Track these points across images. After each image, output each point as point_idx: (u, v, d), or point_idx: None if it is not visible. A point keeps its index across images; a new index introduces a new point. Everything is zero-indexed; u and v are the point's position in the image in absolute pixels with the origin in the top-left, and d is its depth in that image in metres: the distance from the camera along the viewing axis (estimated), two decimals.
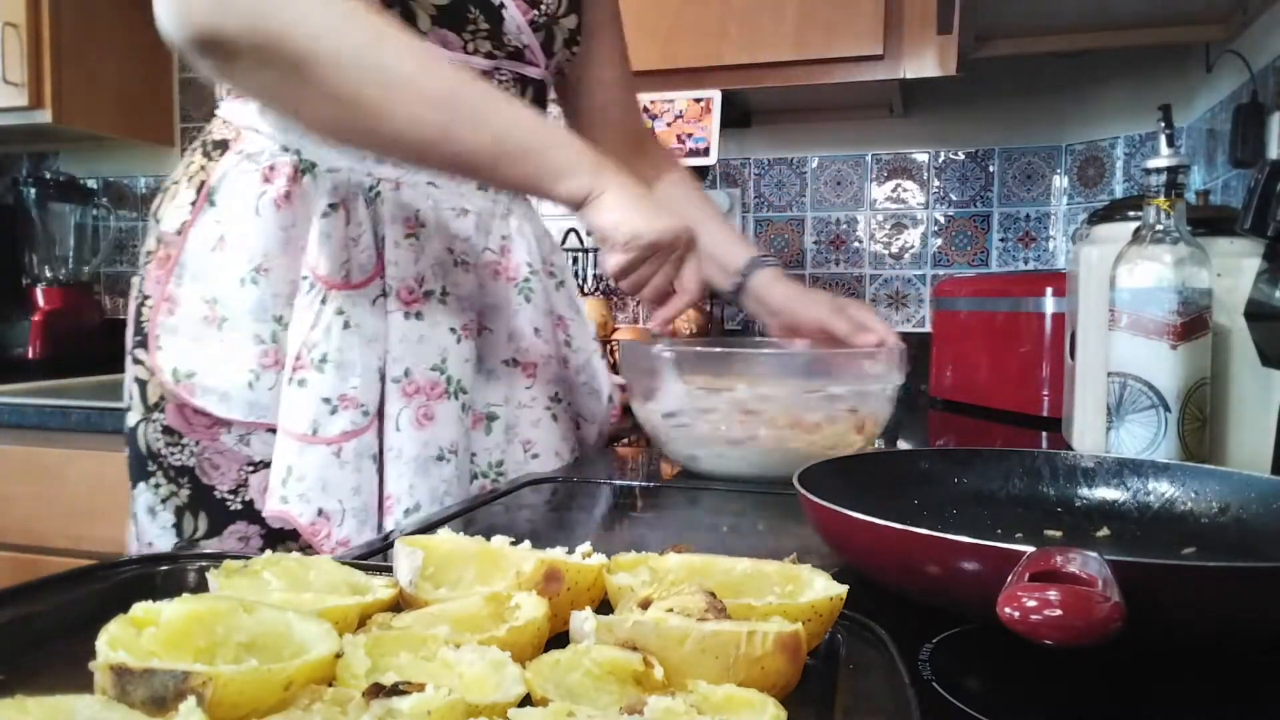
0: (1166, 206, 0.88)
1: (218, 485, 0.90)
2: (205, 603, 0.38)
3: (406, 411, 0.90)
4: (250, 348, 0.89)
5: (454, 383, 0.93)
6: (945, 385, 1.67)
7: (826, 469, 0.69)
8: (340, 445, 0.87)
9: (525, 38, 0.94)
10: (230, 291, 0.89)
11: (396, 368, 0.90)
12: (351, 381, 0.88)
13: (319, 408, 0.87)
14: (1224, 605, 0.45)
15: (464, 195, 0.97)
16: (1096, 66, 1.86)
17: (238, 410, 0.89)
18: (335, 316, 0.88)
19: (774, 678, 0.37)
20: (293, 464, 0.86)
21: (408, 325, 0.91)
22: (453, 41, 0.90)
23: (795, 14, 1.69)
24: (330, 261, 0.88)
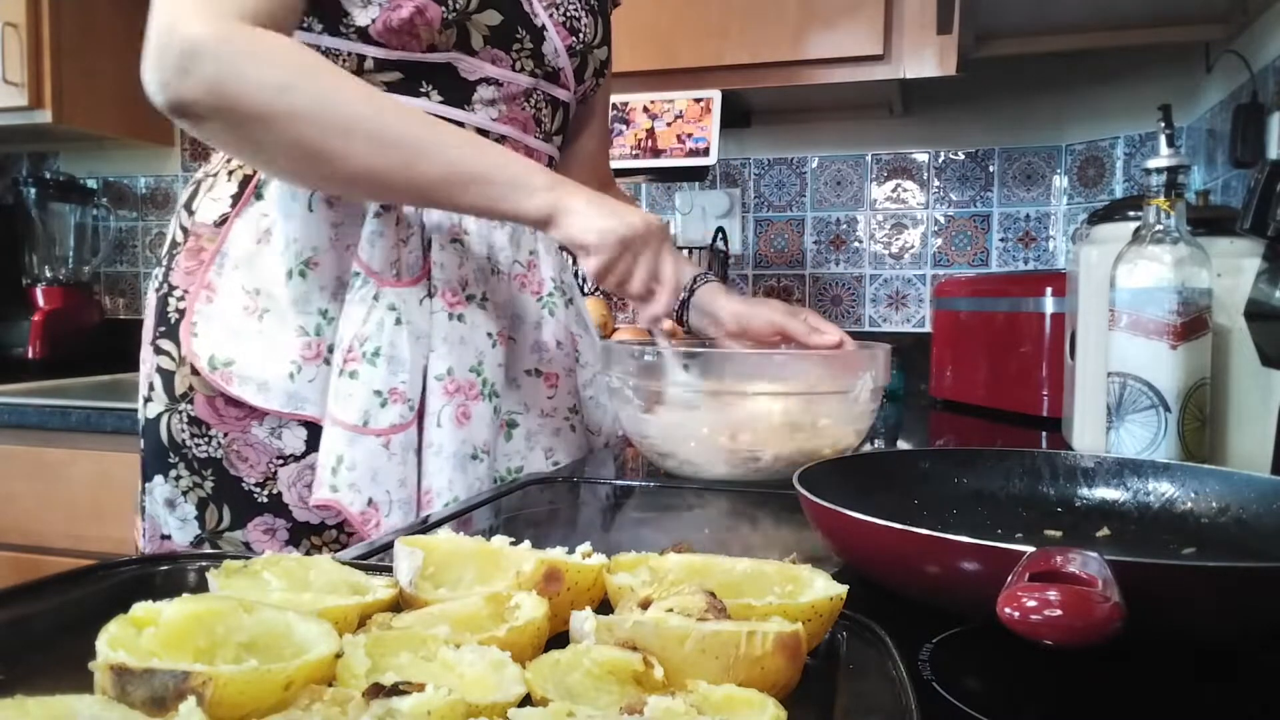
0: (1166, 206, 0.88)
1: (245, 477, 0.91)
2: (205, 603, 0.38)
3: (448, 409, 0.92)
4: (293, 339, 0.90)
5: (488, 385, 0.96)
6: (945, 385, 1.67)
7: (826, 469, 0.69)
8: (390, 437, 0.89)
9: (561, 61, 0.99)
10: (275, 283, 0.91)
11: (440, 365, 0.92)
12: (401, 376, 0.90)
13: (370, 399, 0.88)
14: (1224, 605, 0.45)
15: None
16: (1096, 66, 1.86)
17: (276, 400, 0.90)
18: (388, 312, 0.90)
19: (774, 678, 0.37)
20: (344, 453, 0.87)
21: (451, 326, 0.94)
22: (502, 59, 0.94)
23: (795, 14, 1.69)
24: (383, 258, 0.90)
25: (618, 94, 1.82)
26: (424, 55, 0.90)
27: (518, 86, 0.96)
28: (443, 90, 0.92)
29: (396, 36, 0.88)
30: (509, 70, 0.95)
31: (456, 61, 0.92)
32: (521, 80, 0.96)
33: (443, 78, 0.92)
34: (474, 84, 0.93)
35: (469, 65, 0.92)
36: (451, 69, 0.92)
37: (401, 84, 0.91)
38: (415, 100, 0.91)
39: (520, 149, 0.98)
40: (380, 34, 0.87)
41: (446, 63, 0.91)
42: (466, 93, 0.93)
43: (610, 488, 0.94)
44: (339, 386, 0.89)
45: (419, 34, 0.88)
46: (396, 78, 0.90)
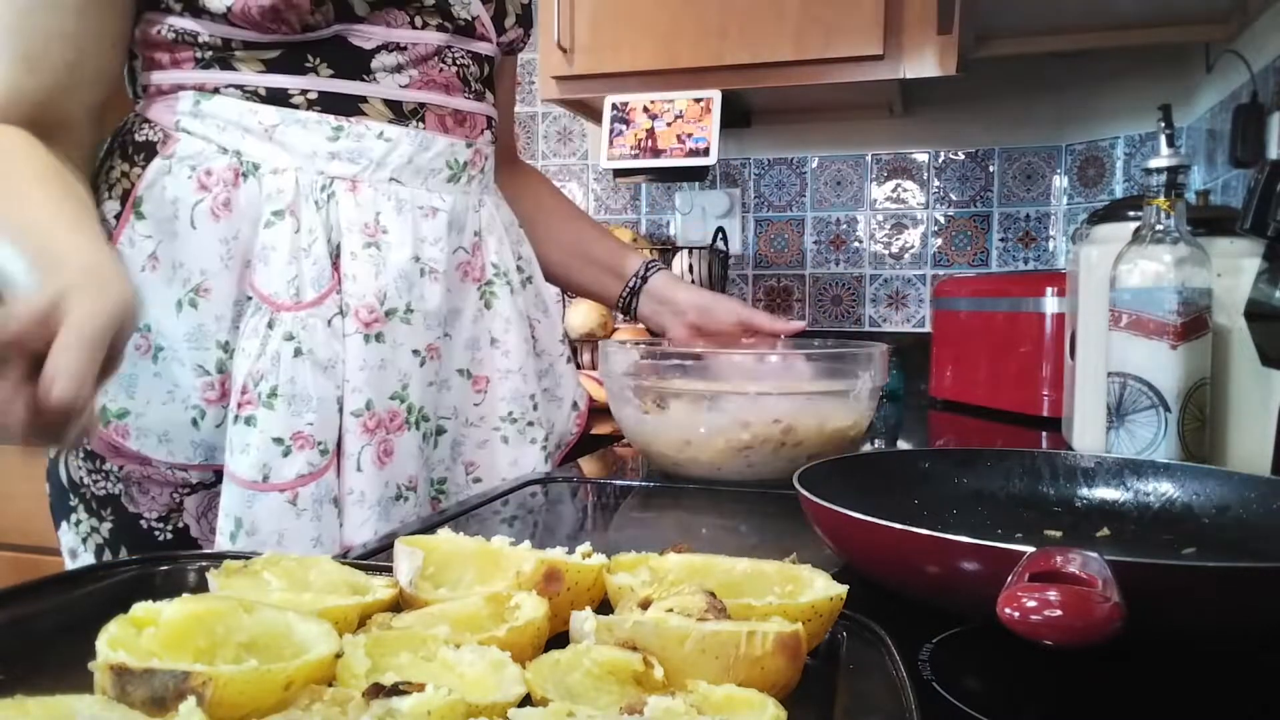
0: (1166, 206, 0.88)
1: (145, 513, 0.83)
2: (205, 603, 0.38)
3: (369, 449, 0.81)
4: (191, 380, 0.80)
5: (415, 411, 0.85)
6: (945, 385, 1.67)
7: (826, 469, 0.69)
8: (296, 490, 0.78)
9: (474, 8, 0.88)
10: (165, 316, 0.79)
11: (356, 399, 0.81)
12: (306, 417, 0.78)
13: (269, 449, 0.77)
14: (1224, 605, 0.45)
15: (433, 191, 0.88)
16: (1096, 66, 1.86)
17: (181, 453, 0.80)
18: (284, 342, 0.78)
19: (774, 678, 0.37)
20: (242, 516, 0.77)
21: (368, 350, 0.82)
22: (399, 19, 0.83)
23: (795, 14, 1.69)
24: (277, 278, 0.79)
25: (618, 94, 1.82)
26: (301, 35, 0.80)
27: (427, 47, 0.85)
28: (333, 63, 0.82)
29: (261, 22, 0.78)
30: (409, 30, 0.84)
31: (345, 32, 0.82)
32: (429, 38, 0.85)
33: (331, 50, 0.82)
34: (371, 52, 0.83)
35: (361, 32, 0.82)
36: (340, 40, 0.82)
37: (282, 61, 0.81)
38: (301, 78, 0.81)
39: (448, 115, 0.88)
40: (241, 19, 0.77)
41: (333, 35, 0.81)
42: (363, 62, 0.83)
43: (610, 488, 0.94)
44: (233, 436, 0.78)
45: (287, 18, 0.78)
46: (275, 55, 0.81)
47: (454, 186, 0.89)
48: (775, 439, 0.89)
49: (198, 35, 0.80)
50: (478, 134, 0.92)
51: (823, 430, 0.90)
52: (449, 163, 0.88)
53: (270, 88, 0.81)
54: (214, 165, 0.80)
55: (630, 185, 2.22)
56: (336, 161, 0.83)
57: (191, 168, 0.80)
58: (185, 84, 0.82)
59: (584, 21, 1.80)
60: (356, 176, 0.84)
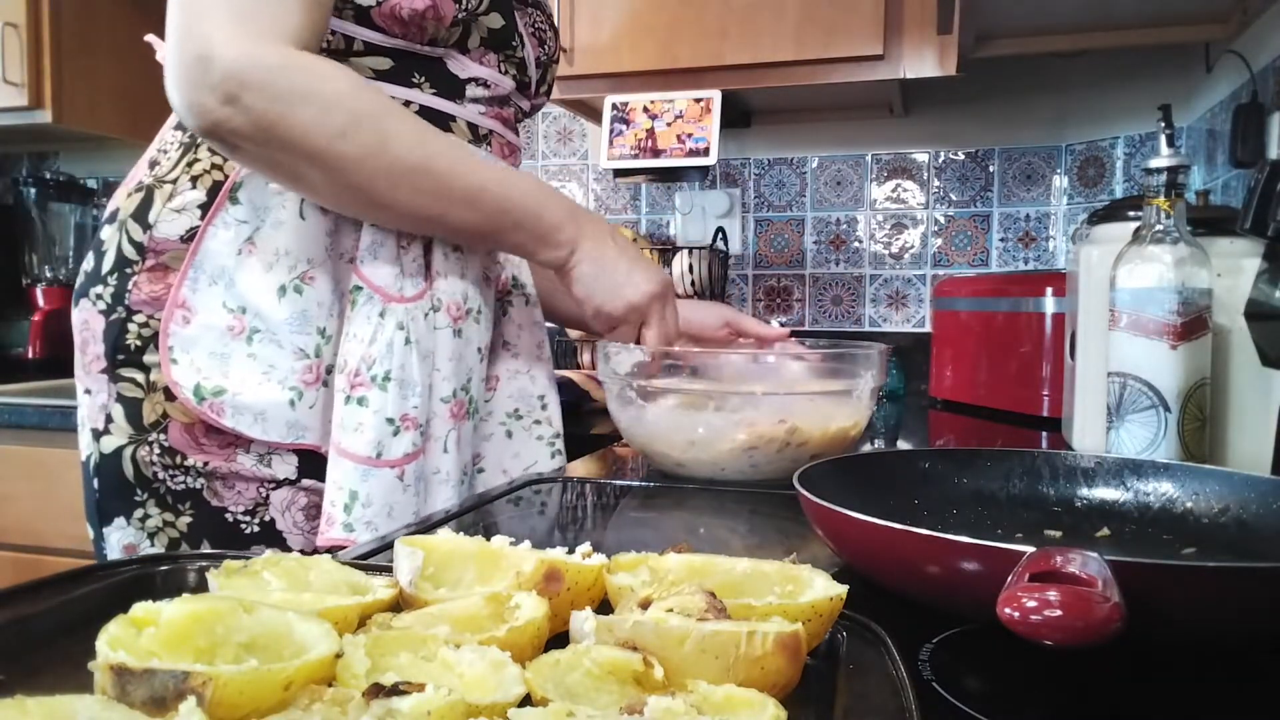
0: (1166, 206, 0.88)
1: (230, 507, 0.85)
2: (205, 603, 0.38)
3: (453, 433, 0.89)
4: (291, 362, 0.84)
5: (473, 403, 0.93)
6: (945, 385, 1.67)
7: (826, 469, 0.69)
8: (404, 468, 0.84)
9: (531, 72, 0.98)
10: (265, 300, 0.83)
11: (446, 387, 0.88)
12: (412, 401, 0.85)
13: (383, 428, 0.83)
14: (1224, 605, 0.45)
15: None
16: (1096, 66, 1.86)
17: (275, 431, 0.83)
18: (396, 331, 0.84)
19: (774, 678, 0.37)
20: (357, 489, 0.82)
21: (454, 343, 0.89)
22: (491, 61, 0.92)
23: (795, 14, 1.69)
24: (386, 271, 0.85)
25: (618, 94, 1.82)
26: (420, 48, 0.86)
27: (502, 90, 0.94)
28: (435, 83, 0.89)
29: (401, 25, 0.83)
30: (496, 73, 0.93)
31: (448, 58, 0.89)
32: (506, 84, 0.95)
33: (435, 71, 0.89)
34: (464, 81, 0.91)
35: (459, 63, 0.90)
36: (441, 64, 0.89)
37: (391, 72, 0.86)
38: (406, 90, 0.87)
39: (504, 144, 0.96)
40: (383, 19, 0.83)
41: (439, 57, 0.88)
42: (457, 87, 0.90)
43: (610, 488, 0.94)
44: (346, 415, 0.83)
45: (426, 27, 0.84)
46: (387, 65, 0.86)
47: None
48: (780, 439, 0.89)
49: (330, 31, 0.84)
50: (518, 163, 1.01)
51: (826, 430, 0.90)
52: None
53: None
54: None
55: (630, 185, 2.22)
56: None
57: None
58: None
59: (584, 21, 1.80)
60: None
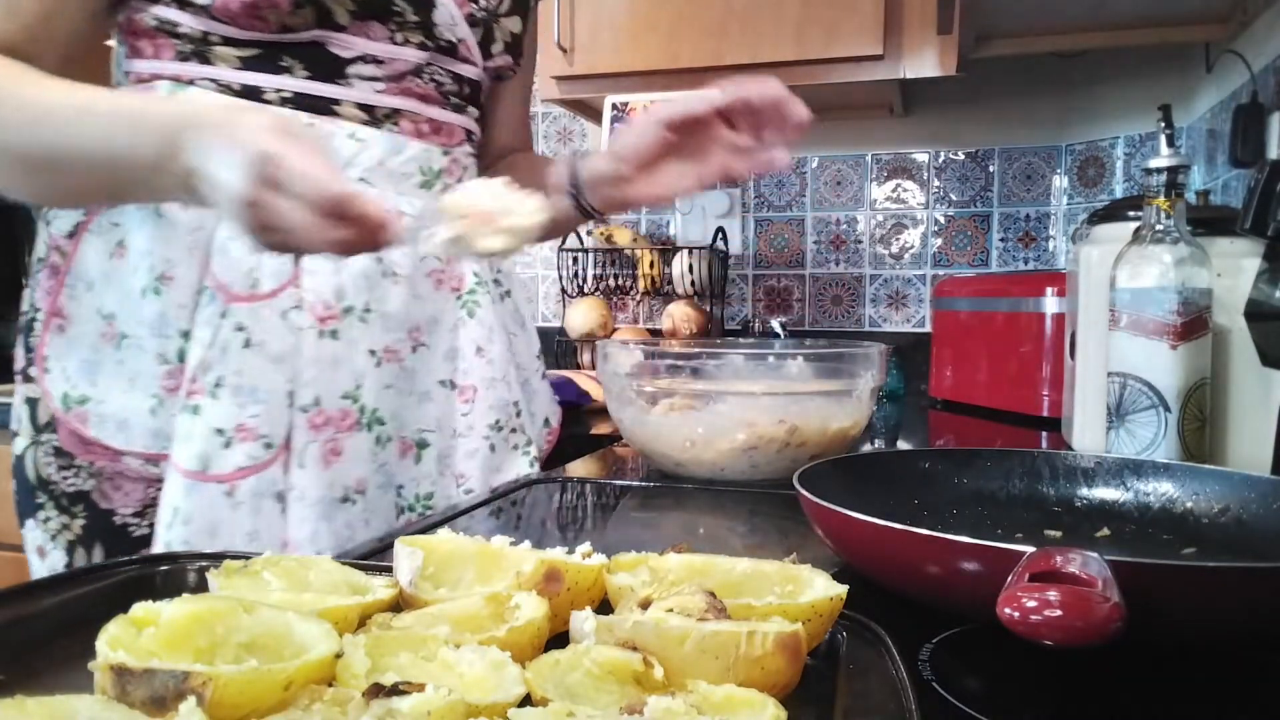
0: (1166, 206, 0.88)
1: (119, 509, 0.82)
2: (205, 603, 0.38)
3: (313, 446, 0.81)
4: (152, 368, 0.80)
5: (368, 413, 0.84)
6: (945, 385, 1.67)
7: (826, 469, 0.69)
8: (235, 483, 0.77)
9: (460, 31, 0.87)
10: (130, 304, 0.79)
11: (306, 394, 0.80)
12: (251, 410, 0.78)
13: (210, 439, 0.77)
14: (1224, 605, 0.45)
15: (403, 195, 0.86)
16: (1096, 66, 1.86)
17: (139, 441, 0.80)
18: (234, 333, 0.78)
19: (774, 678, 0.37)
20: (179, 505, 0.77)
21: (321, 346, 0.81)
22: (379, 32, 0.82)
23: (795, 14, 1.69)
24: (235, 268, 0.79)
25: (618, 94, 1.82)
26: (278, 35, 0.79)
27: (405, 63, 0.84)
28: (310, 66, 0.81)
29: (241, 17, 0.77)
30: (389, 44, 0.83)
31: (324, 39, 0.81)
32: (408, 55, 0.84)
33: (309, 54, 0.81)
34: (348, 60, 0.82)
35: (341, 41, 0.82)
36: (319, 46, 0.81)
37: (259, 60, 0.80)
38: (275, 77, 0.80)
39: (424, 122, 0.87)
40: (221, 12, 0.77)
41: (312, 40, 0.81)
42: (338, 68, 0.82)
43: (610, 488, 0.94)
44: (179, 424, 0.78)
45: (265, 16, 0.77)
46: (253, 54, 0.80)
47: (426, 193, 0.87)
48: (780, 439, 0.89)
49: (178, 26, 0.79)
50: (456, 143, 0.90)
51: (826, 430, 0.90)
52: (422, 168, 0.87)
53: (245, 85, 0.80)
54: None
55: None
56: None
57: None
58: (163, 74, 0.81)
59: (584, 21, 1.80)
60: None
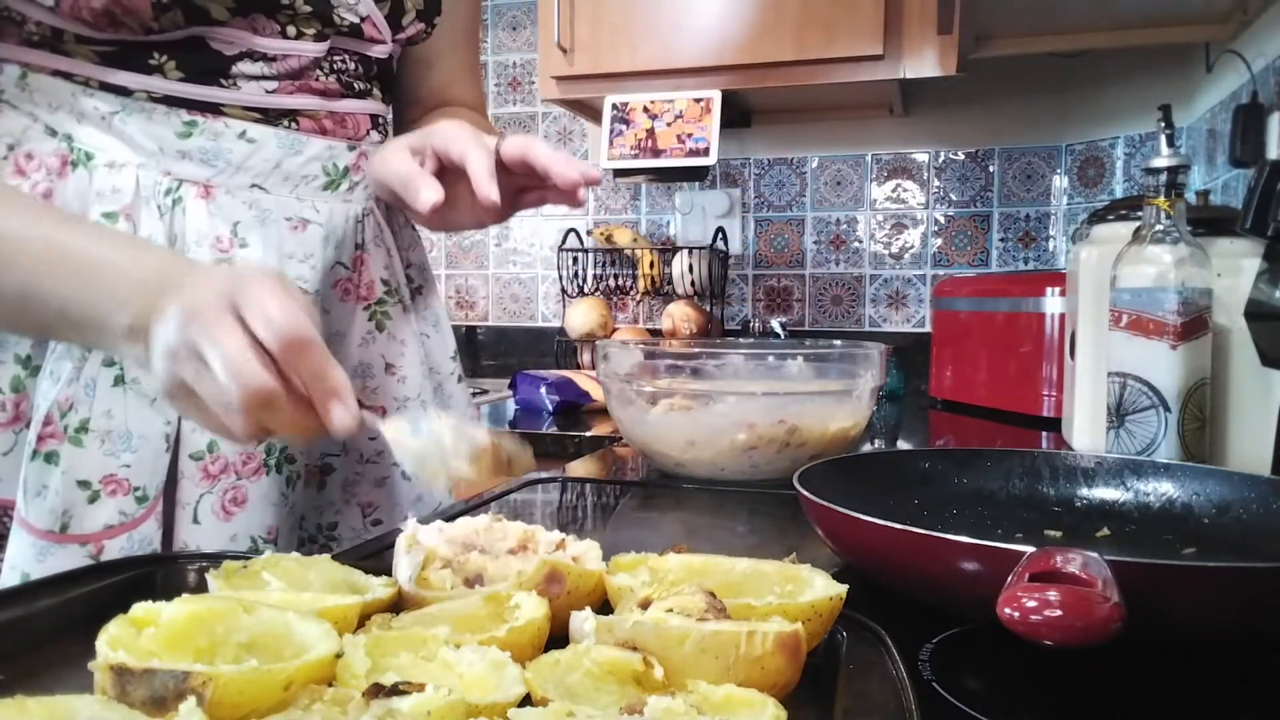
0: (1166, 206, 0.88)
1: None
2: (205, 603, 0.38)
3: (209, 498, 0.70)
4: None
5: (275, 452, 0.74)
6: (945, 385, 1.67)
7: (826, 469, 0.69)
8: (102, 544, 0.66)
9: (363, 8, 0.76)
10: None
11: (197, 440, 0.70)
12: (123, 458, 0.67)
13: (72, 493, 0.66)
14: (1224, 605, 0.45)
15: (304, 200, 0.76)
16: (1096, 66, 1.86)
17: None
18: (103, 369, 0.67)
19: (774, 678, 0.37)
20: (31, 571, 0.65)
21: None
22: (265, 27, 0.71)
23: (795, 14, 1.69)
24: None
25: (618, 94, 1.82)
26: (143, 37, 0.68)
27: (300, 59, 0.73)
28: (184, 65, 0.70)
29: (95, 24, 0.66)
30: (280, 39, 0.72)
31: (203, 34, 0.69)
32: (304, 50, 0.73)
33: (184, 50, 0.70)
34: (231, 58, 0.71)
35: (222, 36, 0.70)
36: (197, 41, 0.70)
37: (121, 55, 0.68)
38: (144, 77, 0.69)
39: (324, 118, 0.76)
40: (69, 15, 0.66)
41: (187, 37, 0.69)
42: (221, 65, 0.71)
43: (610, 488, 0.94)
44: (29, 475, 0.66)
45: (124, 22, 0.66)
46: (112, 50, 0.68)
47: (331, 195, 0.78)
48: (780, 439, 0.89)
49: (24, 19, 0.68)
50: (362, 134, 0.80)
51: (826, 430, 0.90)
52: (326, 168, 0.77)
53: (106, 82, 0.69)
54: (37, 148, 0.68)
55: (630, 185, 2.22)
56: (187, 162, 0.71)
57: (9, 147, 0.68)
58: (7, 58, 0.70)
59: (584, 21, 1.80)
60: (210, 181, 0.72)
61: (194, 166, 0.71)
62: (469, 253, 2.36)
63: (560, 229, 2.17)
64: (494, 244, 2.34)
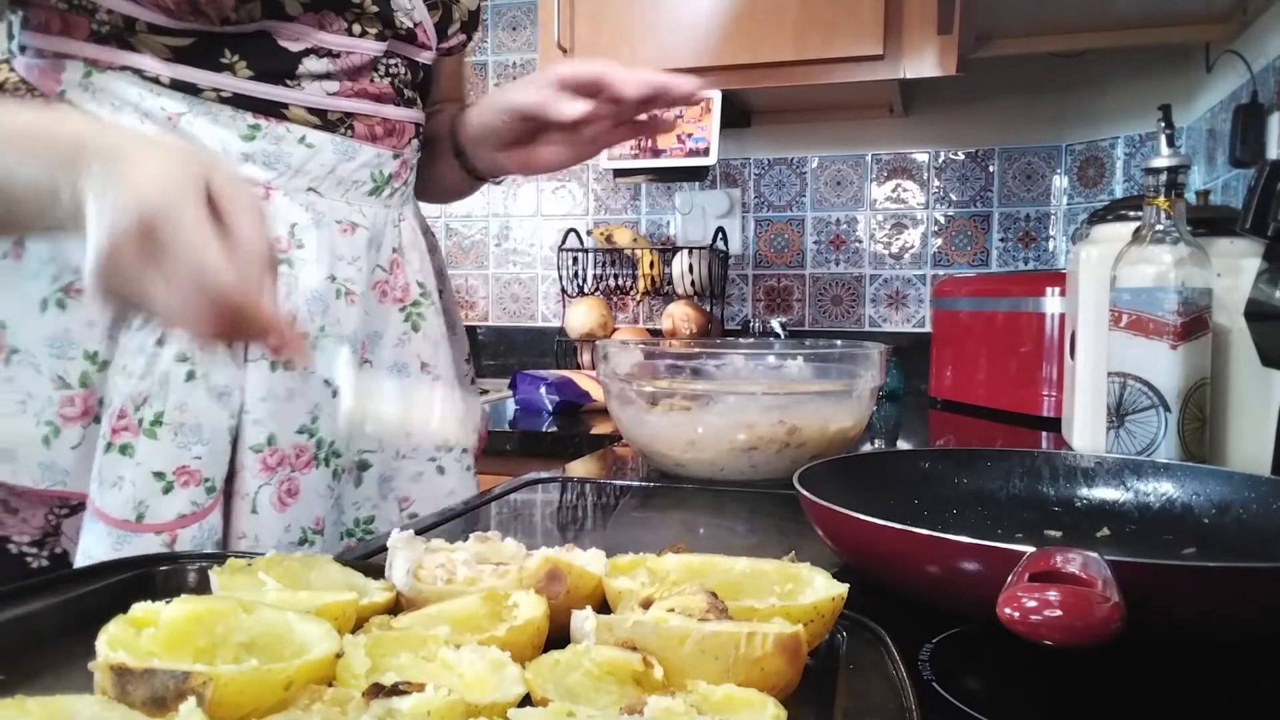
0: (1166, 206, 0.88)
1: (14, 536, 0.72)
2: (205, 603, 0.38)
3: (267, 489, 0.73)
4: (47, 391, 0.69)
5: (325, 446, 0.77)
6: (945, 385, 1.67)
7: (826, 469, 0.69)
8: (175, 533, 0.69)
9: (418, 15, 0.81)
10: (25, 314, 0.69)
11: (257, 433, 0.73)
12: (194, 450, 0.69)
13: (148, 484, 0.68)
14: (1224, 605, 0.45)
15: (353, 205, 0.80)
16: (1096, 66, 1.86)
17: (27, 474, 0.69)
18: (176, 364, 0.69)
19: (774, 679, 0.37)
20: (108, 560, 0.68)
21: (274, 379, 0.73)
22: (332, 23, 0.75)
23: (795, 14, 1.69)
24: None
25: None
26: (219, 28, 0.71)
27: (361, 57, 0.77)
28: (254, 62, 0.73)
29: (175, 11, 0.69)
30: (345, 36, 0.76)
31: (272, 29, 0.73)
32: (366, 48, 0.77)
33: (254, 47, 0.73)
34: (298, 55, 0.74)
35: (290, 31, 0.73)
36: (265, 37, 0.73)
37: (194, 50, 0.71)
38: (214, 75, 0.72)
39: (377, 124, 0.80)
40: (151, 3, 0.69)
41: (258, 30, 0.72)
42: (287, 64, 0.74)
43: (610, 488, 0.94)
44: (104, 466, 0.68)
45: (205, 11, 0.69)
46: (185, 42, 0.70)
47: (375, 200, 0.82)
48: (780, 439, 0.89)
49: (94, 8, 0.69)
50: (405, 143, 0.84)
51: (826, 430, 0.90)
52: (373, 175, 0.81)
53: (177, 79, 0.71)
54: None
55: (630, 185, 2.22)
56: (249, 165, 0.74)
57: None
58: (74, 55, 0.71)
59: (584, 21, 1.80)
60: (271, 183, 0.75)
61: (255, 169, 0.74)
62: (469, 253, 2.36)
63: (560, 229, 2.17)
64: (494, 244, 2.34)
